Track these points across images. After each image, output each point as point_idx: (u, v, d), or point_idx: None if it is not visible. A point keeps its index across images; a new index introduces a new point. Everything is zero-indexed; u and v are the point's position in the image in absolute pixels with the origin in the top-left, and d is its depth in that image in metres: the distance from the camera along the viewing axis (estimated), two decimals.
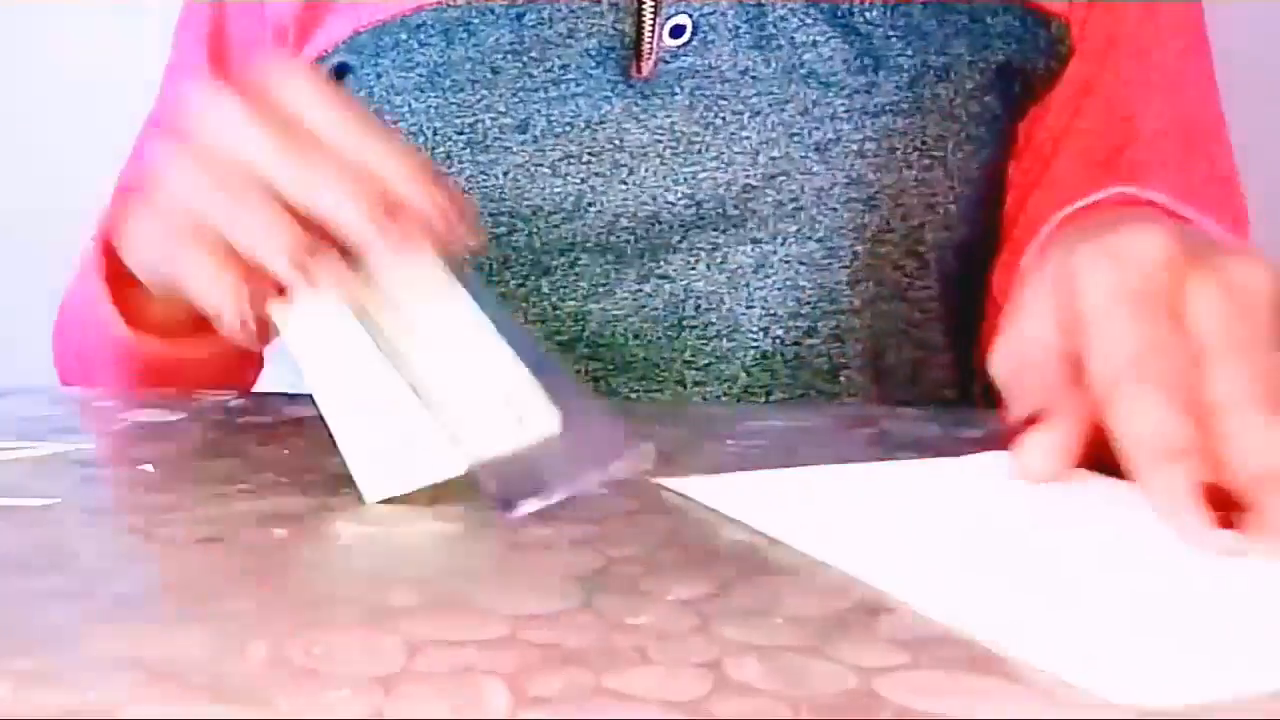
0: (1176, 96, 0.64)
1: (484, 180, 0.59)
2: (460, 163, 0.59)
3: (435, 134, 0.59)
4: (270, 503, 0.36)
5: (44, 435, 0.44)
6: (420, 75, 0.60)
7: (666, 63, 0.58)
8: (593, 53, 0.59)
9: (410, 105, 0.60)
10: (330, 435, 0.37)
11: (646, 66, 0.59)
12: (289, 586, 0.29)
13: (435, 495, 0.36)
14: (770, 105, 0.57)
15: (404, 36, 0.61)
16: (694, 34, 0.58)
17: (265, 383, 0.65)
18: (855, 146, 0.57)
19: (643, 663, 0.25)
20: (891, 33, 0.58)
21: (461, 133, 0.59)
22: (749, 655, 0.25)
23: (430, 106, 0.59)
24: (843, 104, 0.57)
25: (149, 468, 0.39)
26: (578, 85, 0.58)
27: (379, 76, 0.62)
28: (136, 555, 0.31)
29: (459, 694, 0.23)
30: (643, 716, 0.22)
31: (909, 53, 0.58)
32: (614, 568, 0.30)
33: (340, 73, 0.66)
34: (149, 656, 0.25)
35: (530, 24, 0.59)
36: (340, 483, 0.37)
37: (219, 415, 0.48)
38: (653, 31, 0.59)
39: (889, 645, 0.26)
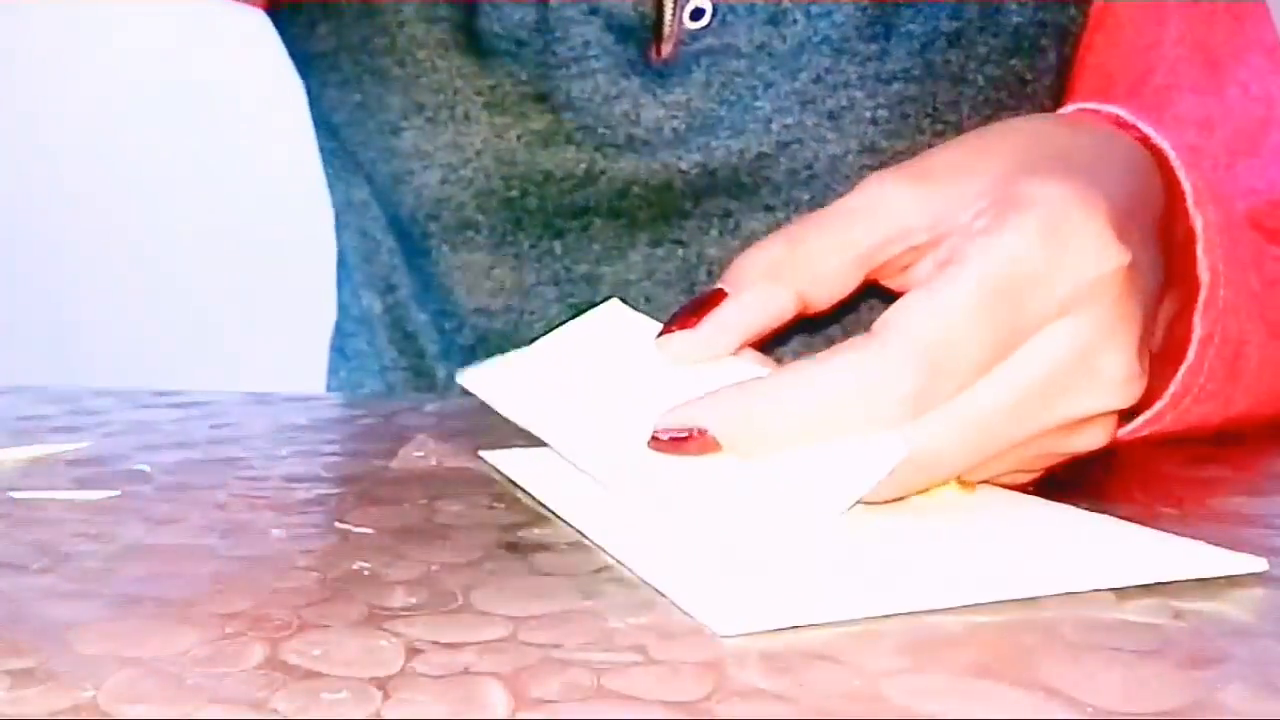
0: (1194, 17, 0.61)
1: (499, 143, 0.59)
2: (476, 123, 0.59)
3: (455, 93, 0.59)
4: (270, 502, 0.35)
5: (42, 434, 0.43)
6: (443, 32, 0.60)
7: (686, 44, 0.59)
8: (614, 31, 0.59)
9: (434, 62, 0.60)
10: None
11: (666, 49, 0.59)
12: (289, 586, 0.29)
13: (435, 495, 0.36)
14: (783, 76, 0.58)
15: None
16: (713, 16, 0.59)
17: (267, 382, 0.65)
18: (868, 114, 0.57)
19: (643, 663, 0.25)
20: None
21: (480, 94, 0.59)
22: (750, 655, 0.25)
23: (454, 65, 0.59)
24: (855, 71, 0.57)
25: (148, 468, 0.39)
26: (598, 61, 0.59)
27: (401, 25, 0.61)
28: (135, 555, 0.31)
29: (459, 695, 0.23)
30: (643, 717, 0.22)
31: (919, 19, 0.58)
32: (613, 568, 0.30)
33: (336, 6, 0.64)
34: (148, 656, 0.24)
35: (555, 4, 0.59)
36: (340, 482, 0.37)
37: (219, 415, 0.48)
38: (674, 14, 0.59)
39: (892, 647, 0.26)
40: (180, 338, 1.49)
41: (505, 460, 0.39)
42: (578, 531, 0.33)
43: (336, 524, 0.33)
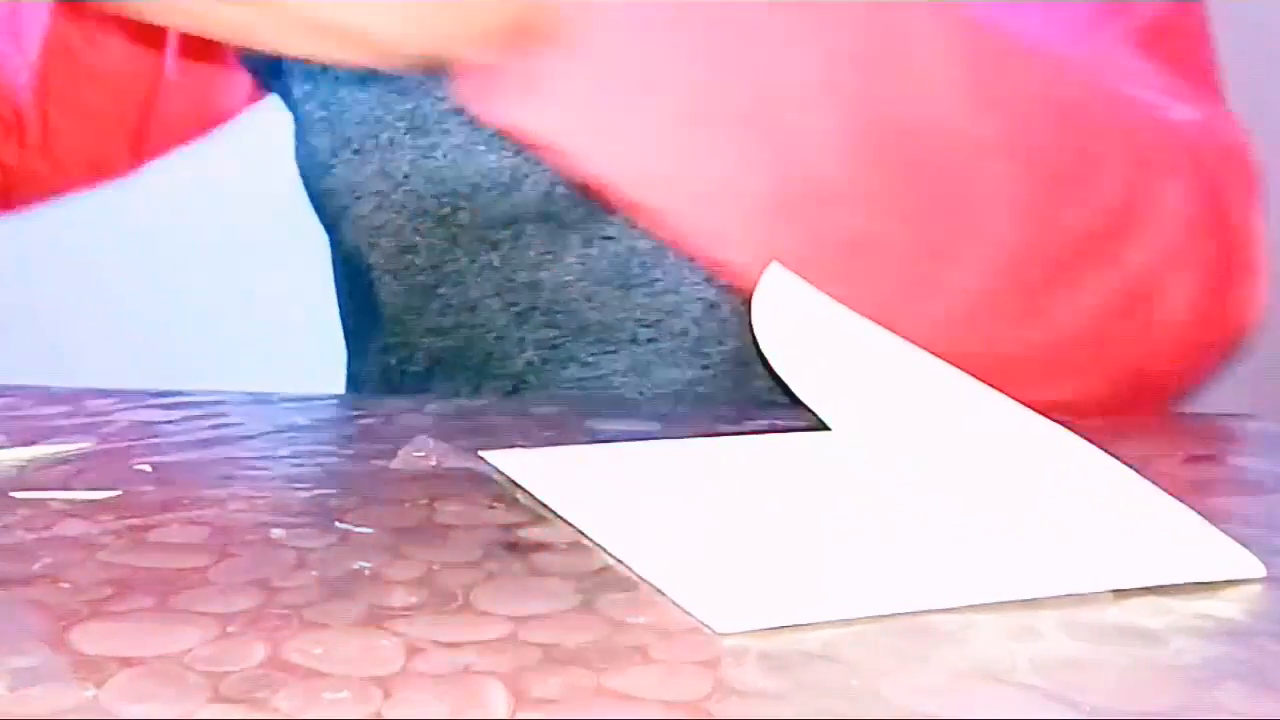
0: None
1: (425, 163, 0.61)
2: (402, 148, 0.61)
3: (378, 121, 0.61)
4: (270, 503, 0.35)
5: (42, 434, 0.43)
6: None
7: None
8: None
9: (355, 95, 0.62)
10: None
11: None
12: (289, 586, 0.29)
13: (435, 495, 0.36)
14: None
15: None
16: None
17: (262, 382, 0.65)
18: None
19: (643, 662, 0.25)
20: None
21: (402, 119, 0.61)
22: (749, 655, 0.25)
23: (374, 95, 0.61)
24: None
25: (148, 468, 0.39)
26: None
27: (324, 69, 0.63)
28: (135, 554, 0.31)
29: (459, 694, 0.23)
30: (643, 717, 0.22)
31: None
32: (613, 568, 0.30)
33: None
34: (148, 656, 0.25)
35: None
36: (340, 482, 0.37)
37: (219, 415, 0.48)
38: None
39: (892, 647, 0.26)
40: (180, 338, 1.49)
41: (505, 460, 0.39)
42: (578, 531, 0.33)
43: (336, 524, 0.33)
